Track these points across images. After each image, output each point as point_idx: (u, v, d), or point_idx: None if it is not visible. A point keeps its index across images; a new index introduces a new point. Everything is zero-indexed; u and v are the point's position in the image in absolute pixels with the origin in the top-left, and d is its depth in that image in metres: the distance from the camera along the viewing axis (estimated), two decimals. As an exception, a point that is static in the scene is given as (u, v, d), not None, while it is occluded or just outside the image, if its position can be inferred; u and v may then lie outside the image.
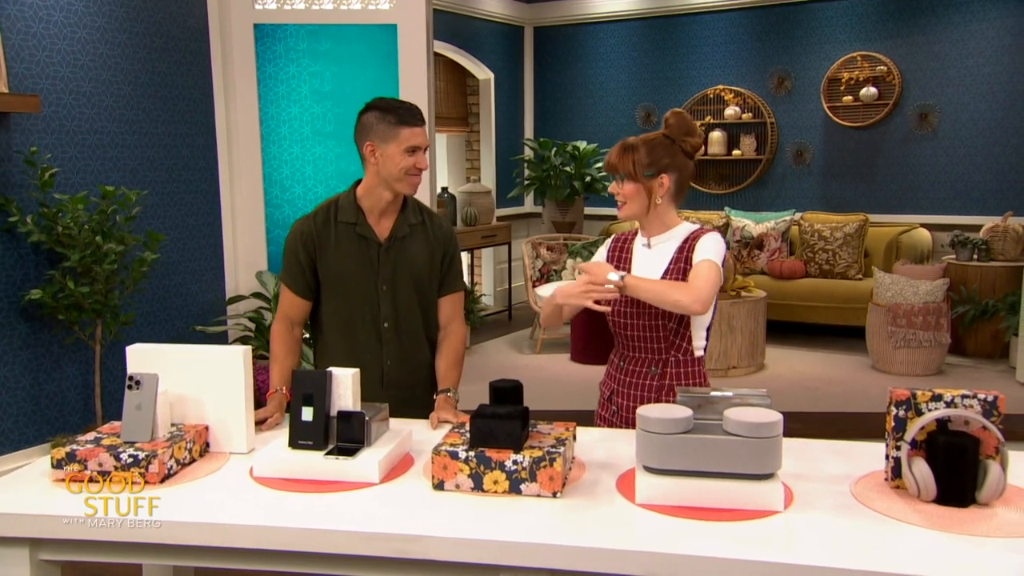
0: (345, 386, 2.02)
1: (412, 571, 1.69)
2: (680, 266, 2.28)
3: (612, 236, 2.48)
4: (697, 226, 2.34)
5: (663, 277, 2.28)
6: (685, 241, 2.30)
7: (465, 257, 8.23)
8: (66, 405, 4.13)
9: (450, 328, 2.53)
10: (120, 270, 4.00)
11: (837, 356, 6.32)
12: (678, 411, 1.81)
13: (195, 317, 4.77)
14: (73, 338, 4.02)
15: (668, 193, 2.28)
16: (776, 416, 1.75)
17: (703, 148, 7.82)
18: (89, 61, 4.15)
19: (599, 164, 7.73)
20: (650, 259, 2.34)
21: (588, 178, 7.65)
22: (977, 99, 6.74)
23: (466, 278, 8.12)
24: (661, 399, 2.29)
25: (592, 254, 3.62)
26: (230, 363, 2.07)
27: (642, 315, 2.29)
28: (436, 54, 7.69)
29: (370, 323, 2.44)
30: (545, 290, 6.45)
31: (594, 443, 2.14)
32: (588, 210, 8.04)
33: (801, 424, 4.61)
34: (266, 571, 1.81)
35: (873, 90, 7.04)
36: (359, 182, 2.45)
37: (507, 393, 2.01)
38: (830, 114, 7.28)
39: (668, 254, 2.31)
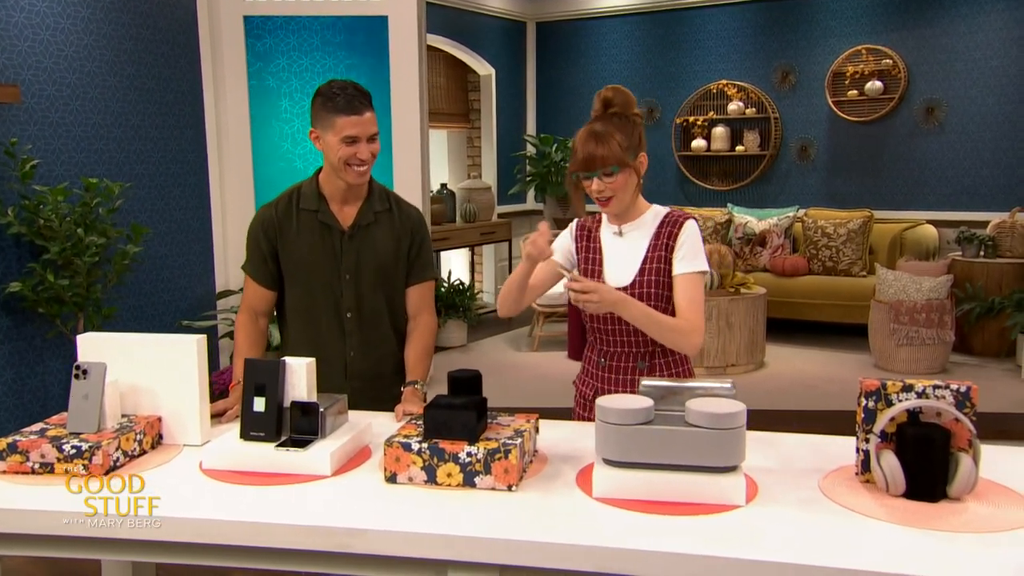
0: (299, 376, 1.96)
1: (356, 566, 1.62)
2: (660, 254, 2.15)
3: (575, 222, 2.33)
4: (667, 209, 2.22)
5: (641, 268, 2.16)
6: (661, 227, 2.17)
7: (465, 254, 8.17)
8: (49, 399, 4.09)
9: (419, 319, 2.46)
10: (103, 263, 3.95)
11: (839, 354, 6.22)
12: (638, 401, 1.73)
13: (183, 312, 4.72)
14: (55, 332, 3.98)
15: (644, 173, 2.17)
16: (739, 407, 1.68)
17: (707, 144, 7.73)
18: (73, 52, 4.11)
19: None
20: (623, 250, 2.21)
21: (589, 174, 7.55)
22: (985, 93, 6.62)
23: (466, 275, 8.07)
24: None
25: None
26: (184, 352, 2.01)
27: None
28: (437, 50, 7.64)
29: (332, 313, 2.37)
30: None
31: (564, 437, 2.06)
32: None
33: (798, 422, 4.53)
34: (211, 566, 1.74)
35: (878, 84, 6.93)
36: (322, 169, 2.38)
37: (465, 383, 1.93)
38: (835, 109, 7.18)
39: (643, 242, 2.18)
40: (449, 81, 8.00)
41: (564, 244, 2.33)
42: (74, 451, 1.81)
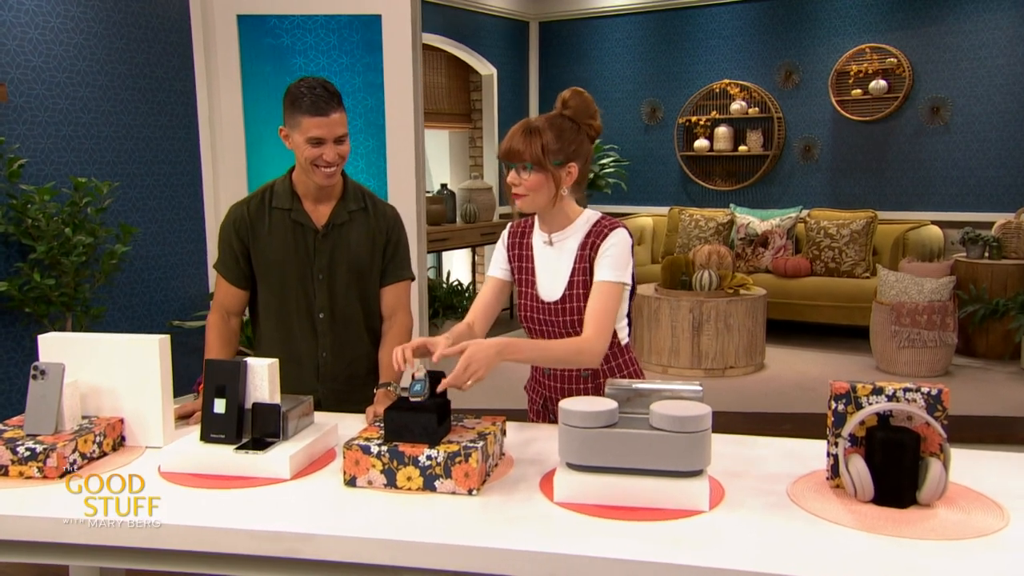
0: (261, 377, 1.92)
1: (308, 572, 1.58)
2: (584, 266, 2.05)
3: (508, 228, 2.24)
4: (598, 215, 2.11)
5: (569, 282, 2.07)
6: (587, 236, 2.06)
7: (466, 254, 8.13)
8: (38, 400, 4.07)
9: (395, 319, 2.41)
10: (91, 263, 3.93)
11: (840, 357, 6.14)
12: (602, 404, 1.69)
13: (175, 312, 4.70)
14: (42, 332, 3.95)
15: (574, 183, 2.07)
16: (704, 410, 1.63)
17: (709, 144, 7.66)
18: (62, 51, 4.09)
19: (603, 160, 7.60)
20: (552, 259, 2.11)
21: (591, 175, 7.52)
22: (991, 91, 6.53)
23: (466, 276, 8.03)
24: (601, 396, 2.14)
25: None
26: (145, 353, 1.98)
27: (560, 317, 2.09)
28: (438, 50, 7.60)
29: (304, 313, 2.32)
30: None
31: (535, 439, 2.01)
32: (591, 207, 7.87)
33: (793, 425, 4.46)
34: (159, 571, 1.71)
35: (883, 83, 6.85)
36: (295, 167, 2.35)
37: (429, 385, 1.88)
38: (839, 108, 7.10)
39: (571, 252, 2.08)
40: (451, 81, 7.96)
41: (499, 256, 2.24)
42: (28, 453, 1.78)
